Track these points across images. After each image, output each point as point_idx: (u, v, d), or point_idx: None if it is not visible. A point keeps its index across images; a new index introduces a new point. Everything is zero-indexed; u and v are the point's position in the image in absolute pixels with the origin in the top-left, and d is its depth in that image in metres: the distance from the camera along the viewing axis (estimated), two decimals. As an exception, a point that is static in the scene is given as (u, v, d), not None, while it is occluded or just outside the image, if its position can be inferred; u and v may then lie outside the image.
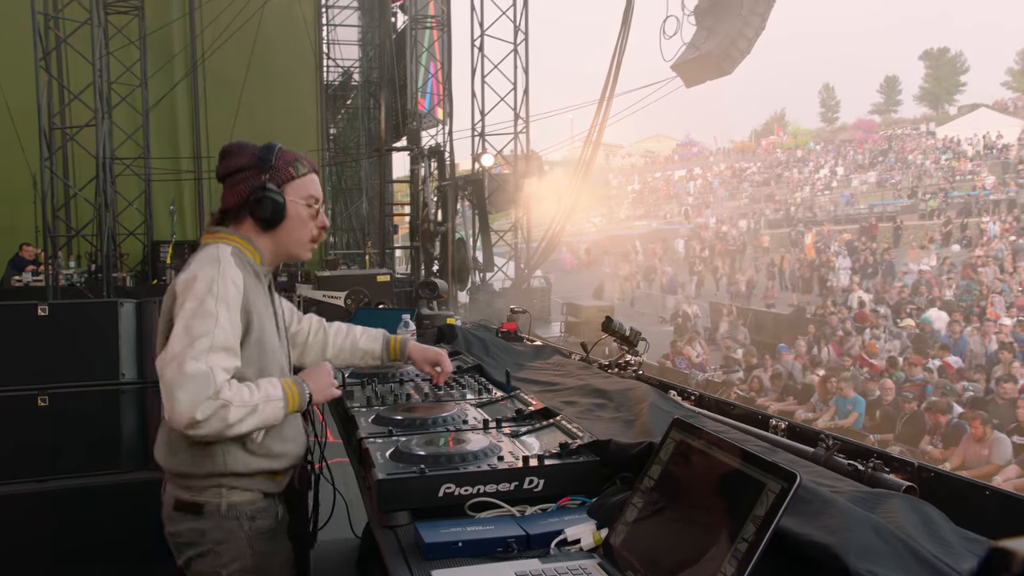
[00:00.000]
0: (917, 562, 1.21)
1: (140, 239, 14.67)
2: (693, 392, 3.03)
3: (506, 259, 15.67)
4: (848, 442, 2.18)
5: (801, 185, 42.48)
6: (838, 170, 43.45)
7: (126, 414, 4.09)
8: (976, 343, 13.23)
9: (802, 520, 1.27)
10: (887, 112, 68.91)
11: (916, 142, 44.77)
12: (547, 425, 2.11)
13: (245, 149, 2.24)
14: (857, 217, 32.78)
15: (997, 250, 23.66)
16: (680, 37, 11.80)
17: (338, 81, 20.98)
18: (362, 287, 5.41)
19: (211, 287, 2.02)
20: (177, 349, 1.95)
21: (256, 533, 2.17)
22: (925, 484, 1.91)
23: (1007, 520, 1.66)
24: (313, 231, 2.29)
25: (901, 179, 37.90)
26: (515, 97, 15.39)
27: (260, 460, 2.15)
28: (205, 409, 1.90)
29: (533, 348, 3.82)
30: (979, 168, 35.78)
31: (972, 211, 30.05)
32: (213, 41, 14.19)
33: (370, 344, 2.68)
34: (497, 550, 1.55)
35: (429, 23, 16.59)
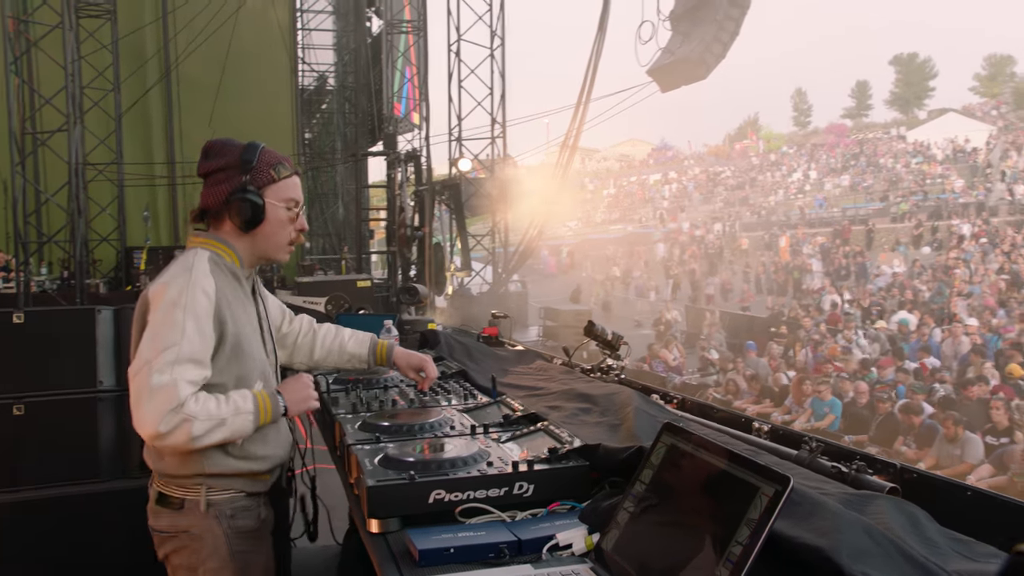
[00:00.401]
0: (908, 563, 1.22)
1: (113, 245, 14.51)
2: (675, 396, 3.04)
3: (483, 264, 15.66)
4: (831, 444, 2.20)
5: (775, 189, 42.84)
6: (811, 174, 43.87)
7: (104, 422, 4.05)
8: (947, 345, 13.40)
9: (793, 523, 1.28)
10: (858, 116, 69.67)
11: (887, 146, 45.31)
12: (535, 430, 2.12)
13: (228, 147, 2.22)
14: (830, 220, 33.12)
15: (967, 252, 24.01)
16: (656, 42, 11.88)
17: (313, 86, 20.90)
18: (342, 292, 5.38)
19: (179, 297, 2.02)
20: (144, 360, 1.97)
21: (235, 531, 2.18)
22: (907, 485, 1.93)
23: (988, 520, 1.68)
24: (292, 234, 2.29)
25: (873, 183, 38.34)
26: (492, 101, 15.40)
27: (240, 462, 2.16)
28: (168, 422, 1.91)
29: (515, 353, 3.82)
30: (948, 172, 36.29)
31: (942, 214, 30.46)
32: (187, 46, 14.09)
33: (357, 348, 2.69)
34: (489, 556, 1.54)
35: (404, 28, 16.56)
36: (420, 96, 16.26)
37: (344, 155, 18.35)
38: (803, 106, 75.35)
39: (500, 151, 15.25)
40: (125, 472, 4.08)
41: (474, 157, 15.05)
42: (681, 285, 26.94)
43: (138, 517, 2.99)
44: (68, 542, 3.77)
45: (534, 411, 2.31)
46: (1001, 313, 15.64)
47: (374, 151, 15.12)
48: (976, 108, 52.04)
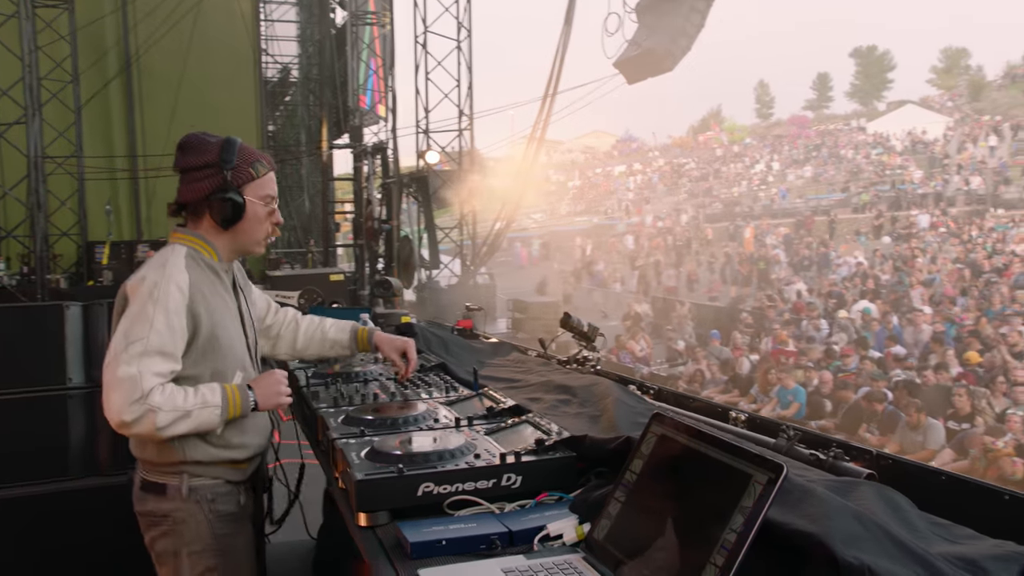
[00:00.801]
0: (896, 547, 1.25)
1: (74, 240, 14.27)
2: (652, 386, 3.06)
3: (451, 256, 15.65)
4: (808, 432, 2.24)
5: (738, 180, 43.24)
6: (774, 165, 44.35)
7: (74, 419, 4.01)
8: (908, 333, 13.63)
9: (784, 510, 1.30)
10: (820, 108, 70.54)
11: (848, 137, 45.94)
12: (520, 422, 2.13)
13: (206, 144, 2.26)
14: (793, 211, 33.51)
15: (926, 242, 24.46)
16: (622, 34, 11.92)
17: (276, 78, 20.70)
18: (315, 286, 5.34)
19: (152, 292, 2.08)
20: (115, 351, 2.03)
21: (217, 516, 2.25)
22: (883, 471, 1.97)
23: (963, 504, 1.72)
24: (268, 228, 2.36)
25: (835, 173, 38.87)
26: (459, 94, 15.36)
27: (220, 450, 2.22)
28: (133, 412, 1.98)
29: (491, 345, 3.83)
30: (907, 163, 36.91)
31: (902, 204, 30.98)
32: (148, 36, 13.87)
33: (338, 334, 2.73)
34: (480, 547, 1.55)
35: (369, 19, 16.44)
36: (386, 88, 16.17)
37: (309, 148, 18.20)
38: (765, 98, 76.12)
39: (467, 143, 15.23)
40: (97, 470, 4.02)
41: (441, 149, 15.02)
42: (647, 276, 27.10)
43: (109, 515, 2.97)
44: (38, 542, 3.72)
45: (517, 403, 2.32)
46: (960, 301, 15.94)
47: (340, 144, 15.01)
48: (934, 100, 52.92)
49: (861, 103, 67.07)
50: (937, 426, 8.63)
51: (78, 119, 13.97)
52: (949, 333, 13.04)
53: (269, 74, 19.43)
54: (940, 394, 9.59)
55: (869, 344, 12.71)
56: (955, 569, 1.24)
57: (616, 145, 67.69)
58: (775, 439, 2.19)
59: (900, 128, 43.00)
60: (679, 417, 1.56)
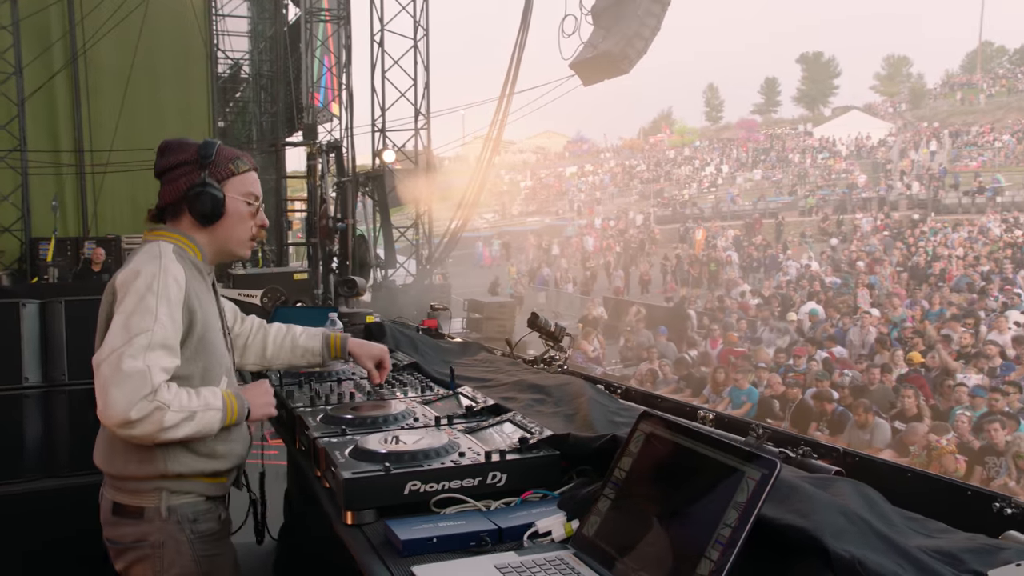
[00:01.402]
0: (880, 540, 1.30)
1: (16, 236, 13.93)
2: (619, 386, 3.11)
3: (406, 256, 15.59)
4: (777, 431, 2.29)
5: (689, 182, 43.78)
6: (723, 168, 44.99)
7: (29, 420, 3.91)
8: (854, 334, 13.93)
9: (773, 505, 1.34)
10: (768, 112, 71.72)
11: (795, 141, 46.81)
12: (501, 421, 2.15)
13: (184, 145, 2.20)
14: (742, 213, 34.03)
15: (870, 245, 25.03)
16: (579, 36, 11.99)
17: (227, 73, 20.41)
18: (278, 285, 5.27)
19: (151, 283, 1.98)
20: (115, 345, 1.91)
21: (199, 536, 2.14)
22: (850, 468, 2.03)
23: (928, 499, 1.78)
24: (252, 229, 2.28)
25: (782, 177, 39.57)
26: (415, 93, 15.30)
27: (204, 461, 2.11)
28: (141, 409, 1.86)
29: (459, 345, 3.84)
30: (852, 167, 37.75)
31: (847, 208, 31.68)
32: (95, 29, 13.57)
33: (310, 342, 2.64)
34: (470, 544, 1.57)
35: (323, 16, 16.30)
36: (340, 86, 16.05)
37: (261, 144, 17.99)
38: (715, 101, 77.11)
39: (424, 142, 15.18)
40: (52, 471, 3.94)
41: (398, 148, 14.95)
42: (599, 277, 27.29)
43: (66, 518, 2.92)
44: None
45: (496, 402, 2.35)
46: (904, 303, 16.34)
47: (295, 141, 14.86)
48: (878, 107, 54.23)
49: (808, 108, 68.38)
50: (884, 426, 8.84)
51: (21, 112, 13.64)
52: (892, 334, 13.38)
53: (220, 70, 19.14)
54: (883, 393, 9.83)
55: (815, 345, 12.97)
56: (935, 561, 1.30)
57: (568, 146, 68.01)
58: (744, 437, 2.25)
59: (845, 133, 44.02)
60: (668, 416, 1.59)
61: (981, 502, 1.70)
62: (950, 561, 1.32)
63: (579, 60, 12.09)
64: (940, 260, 21.32)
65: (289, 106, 16.30)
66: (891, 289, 18.16)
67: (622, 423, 2.23)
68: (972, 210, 29.44)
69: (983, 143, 37.95)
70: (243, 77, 20.97)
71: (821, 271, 21.75)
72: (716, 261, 24.35)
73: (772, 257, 24.69)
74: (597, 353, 15.14)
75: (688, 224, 33.05)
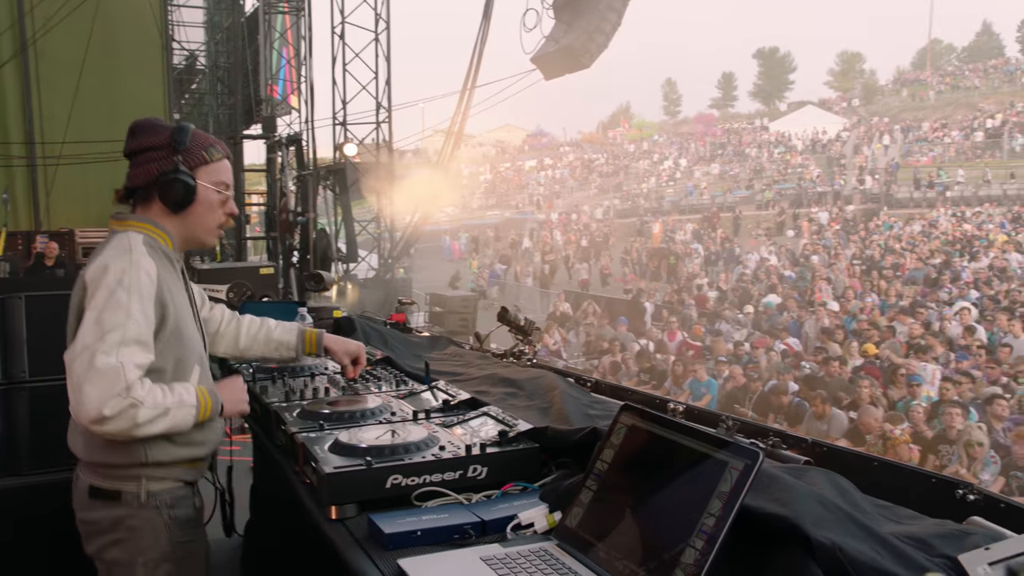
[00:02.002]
0: (857, 527, 1.34)
1: (-37, 230, 13.57)
2: (589, 379, 3.14)
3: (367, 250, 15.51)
4: (746, 422, 2.33)
5: (647, 176, 44.10)
6: (681, 162, 45.39)
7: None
8: (810, 326, 14.17)
9: (754, 494, 1.38)
10: (725, 107, 72.53)
11: (752, 136, 47.39)
12: (479, 415, 2.17)
13: (157, 127, 2.17)
14: (700, 207, 34.38)
15: (825, 239, 25.45)
16: (540, 30, 12.03)
17: (183, 64, 20.10)
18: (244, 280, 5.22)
19: (122, 278, 1.97)
20: (87, 341, 1.89)
21: (176, 522, 2.15)
22: (819, 458, 2.07)
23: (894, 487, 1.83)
24: (221, 217, 2.27)
25: (740, 171, 40.05)
26: (377, 86, 15.21)
27: (182, 449, 2.13)
28: (114, 406, 1.85)
29: (428, 339, 3.85)
30: (808, 161, 38.33)
31: (803, 202, 32.16)
32: (47, 19, 13.27)
33: (285, 335, 2.63)
34: (454, 537, 1.59)
35: (282, 8, 16.13)
36: (299, 78, 15.90)
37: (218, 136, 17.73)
38: (673, 96, 77.75)
39: (386, 136, 15.10)
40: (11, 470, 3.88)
41: (359, 142, 14.85)
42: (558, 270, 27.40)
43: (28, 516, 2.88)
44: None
45: (472, 396, 2.36)
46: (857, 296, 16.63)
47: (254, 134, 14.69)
48: (833, 102, 55.09)
49: (764, 103, 69.28)
50: (841, 416, 9.02)
51: (-33, 102, 13.30)
52: (849, 326, 13.63)
53: (175, 61, 18.84)
54: (840, 385, 10.02)
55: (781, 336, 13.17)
56: (907, 547, 1.34)
57: (527, 140, 68.07)
58: (715, 429, 2.29)
59: (801, 128, 44.68)
60: (649, 409, 1.62)
61: (945, 489, 1.76)
62: (921, 546, 1.37)
63: (540, 54, 12.14)
64: (893, 253, 21.75)
65: (247, 98, 16.13)
66: (847, 282, 18.48)
67: (597, 416, 2.26)
68: (923, 204, 30.09)
69: (933, 139, 38.77)
70: (199, 69, 20.65)
71: (779, 265, 22.05)
72: (676, 255, 24.56)
73: (730, 251, 24.99)
74: (558, 346, 15.22)
75: (646, 218, 33.30)
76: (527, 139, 68.21)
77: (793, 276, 20.16)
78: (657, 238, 28.58)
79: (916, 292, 16.27)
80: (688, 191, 37.90)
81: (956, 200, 29.98)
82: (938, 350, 10.91)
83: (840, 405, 9.29)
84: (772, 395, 9.92)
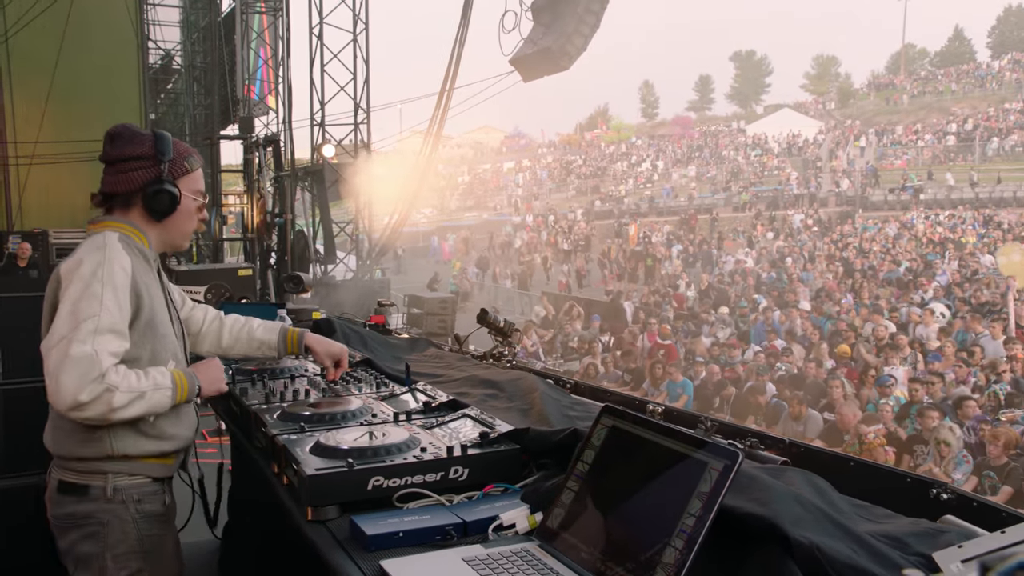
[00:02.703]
0: (834, 526, 1.36)
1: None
2: (568, 380, 3.16)
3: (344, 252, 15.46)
4: (725, 423, 2.36)
5: (625, 178, 44.27)
6: (658, 164, 45.60)
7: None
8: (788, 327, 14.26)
9: (733, 494, 1.40)
10: (702, 109, 73.01)
11: (729, 138, 47.68)
12: (459, 416, 2.18)
13: (138, 136, 2.23)
14: (678, 209, 34.55)
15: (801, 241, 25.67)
16: (519, 32, 12.03)
17: (158, 64, 19.94)
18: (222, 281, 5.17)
19: (96, 271, 2.03)
20: (63, 332, 1.96)
21: (143, 516, 2.19)
22: (796, 459, 2.10)
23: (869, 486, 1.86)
24: (196, 224, 2.36)
25: (716, 173, 40.30)
26: (355, 87, 15.15)
27: (152, 442, 2.17)
28: (90, 391, 1.91)
29: (407, 341, 3.85)
30: (784, 164, 38.64)
31: (779, 204, 32.41)
32: (20, 16, 13.12)
33: (267, 335, 2.68)
34: (436, 538, 1.60)
35: (259, 8, 16.05)
36: (276, 79, 15.82)
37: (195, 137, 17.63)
38: (651, 98, 78.14)
39: (364, 137, 15.05)
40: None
41: (337, 143, 14.80)
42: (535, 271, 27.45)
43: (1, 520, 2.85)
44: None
45: (453, 398, 2.37)
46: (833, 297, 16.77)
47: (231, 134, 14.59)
48: (808, 106, 55.59)
49: (740, 106, 69.78)
50: (816, 417, 9.10)
51: (-63, 101, 13.12)
52: (824, 327, 13.75)
53: (151, 60, 18.69)
54: (816, 386, 10.11)
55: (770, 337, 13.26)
56: (884, 545, 1.37)
57: (505, 141, 68.09)
58: (693, 430, 2.31)
59: (777, 131, 45.04)
60: (629, 410, 1.64)
61: (919, 489, 1.79)
62: (897, 545, 1.40)
63: (519, 56, 12.13)
64: (869, 255, 21.97)
65: (224, 98, 16.03)
66: (823, 284, 18.64)
67: (576, 417, 2.28)
68: (897, 207, 30.42)
69: (907, 142, 39.22)
70: (175, 68, 20.51)
71: (756, 267, 22.21)
72: (653, 257, 24.67)
73: (707, 252, 25.15)
74: (536, 347, 15.24)
75: (624, 220, 33.43)
76: (505, 140, 68.21)
77: (772, 277, 20.33)
78: (633, 239, 28.68)
79: (890, 294, 16.44)
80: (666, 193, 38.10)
81: (930, 203, 30.32)
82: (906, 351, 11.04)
83: (816, 406, 9.38)
84: (750, 396, 10.00)
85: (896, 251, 22.61)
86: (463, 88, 13.55)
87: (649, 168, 45.29)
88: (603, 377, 12.60)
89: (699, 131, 53.56)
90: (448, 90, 12.52)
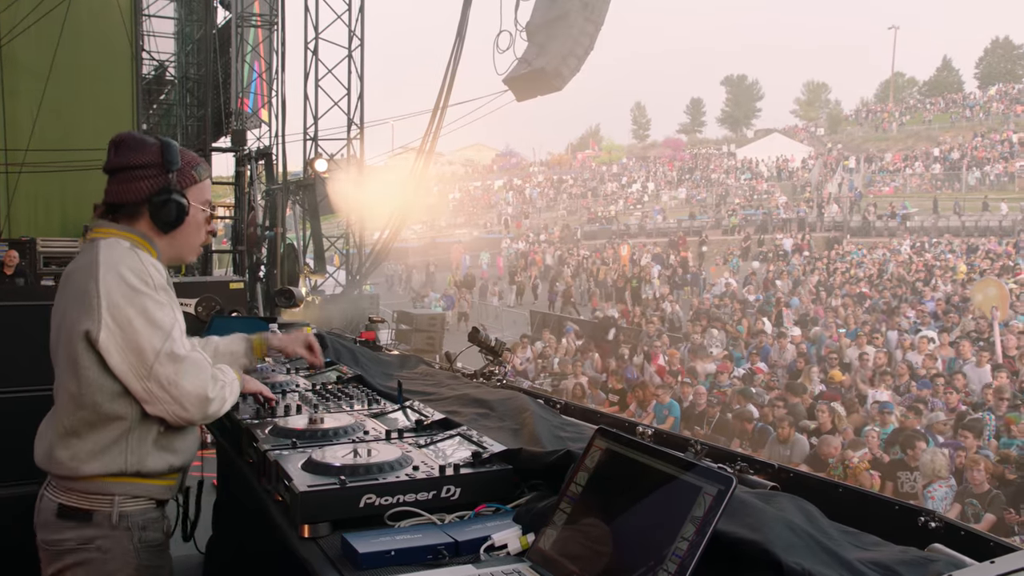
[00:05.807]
0: (825, 553, 1.37)
1: (-79, 237, 13.27)
2: (559, 401, 3.15)
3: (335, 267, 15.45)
4: (715, 447, 2.36)
5: (615, 199, 44.44)
6: (649, 185, 45.80)
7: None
8: (775, 352, 14.33)
9: (725, 519, 1.40)
10: (693, 132, 73.40)
11: (719, 162, 47.99)
12: (452, 435, 2.18)
13: (144, 144, 2.16)
14: (667, 231, 34.69)
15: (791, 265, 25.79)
16: (513, 52, 12.09)
17: (152, 75, 19.93)
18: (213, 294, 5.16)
19: (142, 276, 2.02)
20: (157, 343, 1.97)
21: (145, 545, 2.13)
22: (785, 484, 2.11)
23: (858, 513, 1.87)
24: (204, 236, 2.30)
25: (706, 196, 40.51)
26: (349, 102, 15.18)
27: (164, 456, 2.12)
28: (213, 388, 2.00)
29: (398, 358, 3.85)
30: (773, 188, 38.90)
31: (768, 228, 32.59)
32: (13, 25, 13.09)
33: (233, 346, 2.61)
34: (427, 558, 1.59)
35: (255, 21, 16.08)
36: (270, 92, 15.84)
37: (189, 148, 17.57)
38: (642, 119, 78.53)
39: (357, 152, 15.07)
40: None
41: (330, 157, 14.82)
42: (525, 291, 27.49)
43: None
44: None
45: (445, 416, 2.37)
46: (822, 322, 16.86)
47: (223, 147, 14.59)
48: (799, 131, 56.04)
49: (731, 129, 70.23)
50: (803, 441, 9.12)
51: (-75, 109, 13.05)
52: (811, 352, 13.81)
53: (144, 71, 18.67)
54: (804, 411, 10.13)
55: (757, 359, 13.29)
56: (873, 573, 1.37)
57: (496, 159, 68.30)
58: (683, 453, 2.32)
59: (767, 155, 45.38)
60: (623, 433, 1.65)
61: (908, 516, 1.79)
62: (887, 573, 1.40)
63: (513, 76, 12.19)
64: (859, 282, 22.10)
65: (217, 111, 16.01)
66: (811, 309, 18.73)
67: (567, 438, 2.28)
68: (885, 233, 30.63)
69: (895, 169, 39.56)
70: (169, 79, 20.49)
71: (743, 290, 22.29)
72: (638, 278, 24.73)
73: (696, 275, 25.23)
74: (525, 366, 15.23)
75: (614, 240, 33.54)
76: (496, 158, 68.43)
77: (759, 298, 20.41)
78: (625, 260, 28.76)
79: (876, 320, 16.52)
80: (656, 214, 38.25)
81: (916, 230, 30.55)
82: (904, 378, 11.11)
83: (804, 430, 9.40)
84: (735, 420, 10.01)
85: (884, 278, 22.75)
86: (456, 106, 13.61)
87: (639, 189, 45.48)
88: (589, 398, 12.61)
89: (690, 153, 53.89)
90: (442, 108, 12.56)
